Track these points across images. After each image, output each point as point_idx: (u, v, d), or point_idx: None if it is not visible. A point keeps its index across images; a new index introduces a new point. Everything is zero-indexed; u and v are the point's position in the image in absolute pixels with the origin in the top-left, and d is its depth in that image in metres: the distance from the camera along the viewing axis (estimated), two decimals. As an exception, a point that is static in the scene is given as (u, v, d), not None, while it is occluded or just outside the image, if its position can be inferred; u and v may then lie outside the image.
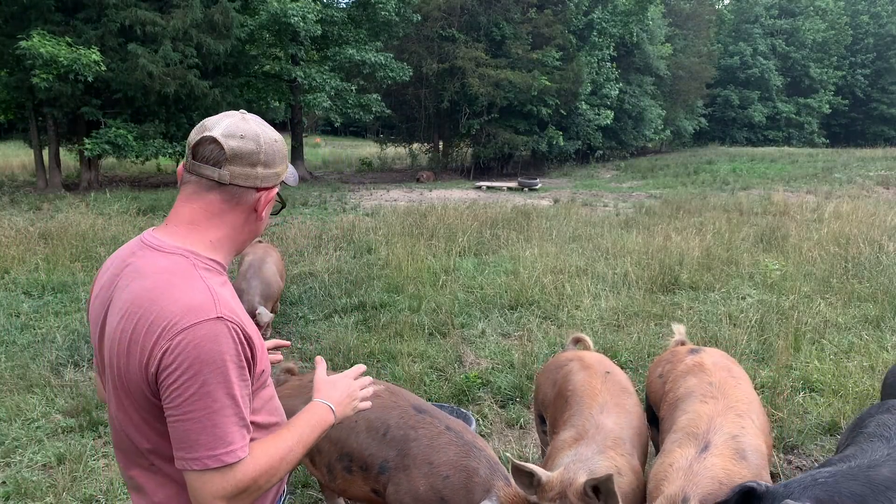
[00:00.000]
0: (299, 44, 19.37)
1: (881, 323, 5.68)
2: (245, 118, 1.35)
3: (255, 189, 1.35)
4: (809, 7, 46.44)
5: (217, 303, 1.24)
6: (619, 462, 2.30)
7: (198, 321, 1.20)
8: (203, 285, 1.26)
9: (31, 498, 3.22)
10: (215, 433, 1.19)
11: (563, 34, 24.15)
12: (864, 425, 2.33)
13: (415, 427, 2.40)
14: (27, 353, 5.06)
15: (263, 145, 1.33)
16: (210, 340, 1.19)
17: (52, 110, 15.98)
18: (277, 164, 1.37)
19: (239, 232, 1.39)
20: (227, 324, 1.22)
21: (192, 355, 1.18)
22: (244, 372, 1.25)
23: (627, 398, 2.67)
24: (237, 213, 1.36)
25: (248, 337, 1.27)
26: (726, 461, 2.12)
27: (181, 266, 1.29)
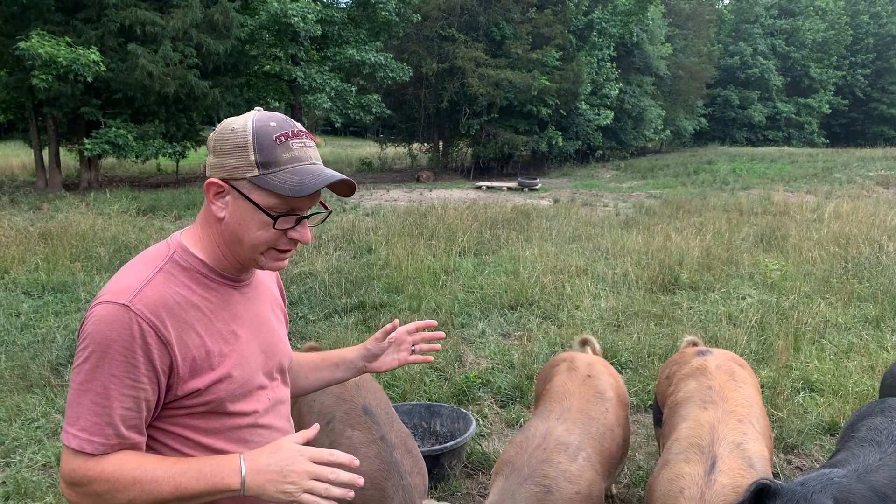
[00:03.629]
0: (299, 44, 19.37)
1: (881, 323, 5.68)
2: (251, 111, 1.31)
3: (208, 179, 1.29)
4: (809, 7, 46.45)
5: (137, 292, 1.20)
6: (551, 475, 2.26)
7: (106, 301, 1.19)
8: (145, 274, 1.24)
9: (31, 498, 3.22)
10: (76, 411, 1.18)
11: (563, 34, 24.15)
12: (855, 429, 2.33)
13: (352, 426, 2.47)
14: (27, 353, 5.06)
15: (216, 133, 1.28)
16: (105, 323, 1.17)
17: (52, 110, 15.99)
18: (227, 155, 1.25)
19: (211, 229, 1.31)
20: (132, 314, 1.17)
21: (89, 330, 1.18)
22: (134, 372, 1.17)
23: (597, 405, 2.61)
24: (206, 206, 1.32)
25: (166, 342, 1.20)
26: (735, 476, 2.10)
27: (156, 253, 1.30)
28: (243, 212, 1.26)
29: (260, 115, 1.28)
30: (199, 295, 1.28)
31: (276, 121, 1.27)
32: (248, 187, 1.25)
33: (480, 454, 3.62)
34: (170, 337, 1.21)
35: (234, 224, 1.27)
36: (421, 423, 3.74)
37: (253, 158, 1.23)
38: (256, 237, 1.27)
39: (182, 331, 1.23)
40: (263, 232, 1.27)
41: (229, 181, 1.25)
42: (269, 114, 1.29)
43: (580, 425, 2.50)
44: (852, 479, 1.87)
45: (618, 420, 2.65)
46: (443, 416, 3.75)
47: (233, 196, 1.26)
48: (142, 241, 9.11)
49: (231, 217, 1.27)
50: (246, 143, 1.24)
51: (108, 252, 8.44)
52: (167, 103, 16.89)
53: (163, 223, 11.31)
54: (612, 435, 2.56)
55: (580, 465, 2.35)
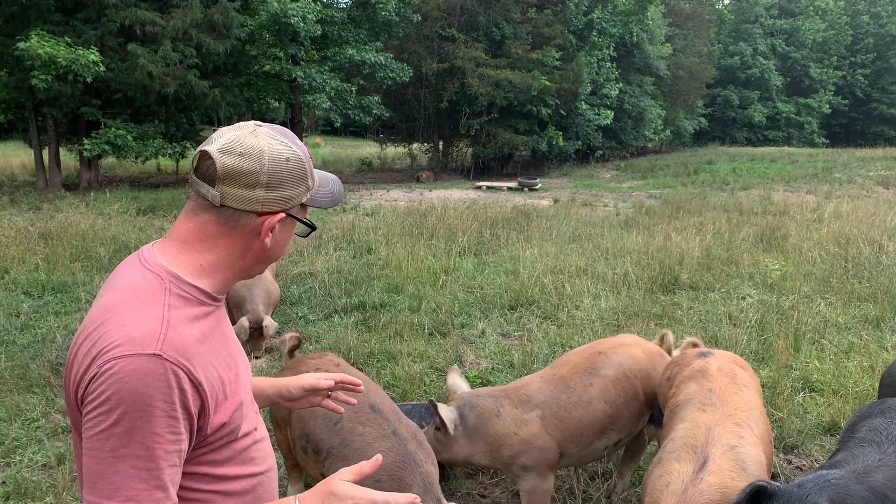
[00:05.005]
0: (299, 44, 19.37)
1: (881, 323, 5.68)
2: (256, 132, 1.19)
3: (255, 213, 1.19)
4: (809, 7, 46.47)
5: (163, 338, 1.07)
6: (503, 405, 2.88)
7: (131, 353, 1.04)
8: (159, 315, 1.10)
9: (31, 498, 3.22)
10: (113, 482, 1.03)
11: (563, 34, 24.16)
12: (855, 430, 2.33)
13: (363, 423, 2.52)
14: (27, 353, 5.06)
15: (267, 164, 1.16)
16: (137, 378, 1.03)
17: (52, 110, 15.99)
18: (286, 187, 1.19)
19: (238, 258, 1.23)
20: (166, 363, 1.05)
21: (114, 389, 1.03)
22: (176, 424, 1.07)
23: (578, 378, 2.93)
24: (234, 237, 1.20)
25: (198, 384, 1.10)
26: (724, 477, 2.09)
27: (150, 287, 1.14)
28: (286, 234, 1.25)
29: (285, 134, 1.22)
30: (203, 324, 1.19)
31: (293, 136, 1.24)
32: (299, 210, 1.24)
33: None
34: (200, 378, 1.11)
35: (275, 247, 1.25)
36: (421, 423, 3.73)
37: (309, 183, 1.23)
38: (279, 253, 1.27)
39: (205, 368, 1.14)
40: (285, 247, 1.28)
41: (287, 210, 1.22)
42: (279, 129, 1.23)
43: (550, 389, 2.92)
44: (850, 480, 1.88)
45: (603, 396, 2.90)
46: (443, 416, 3.75)
47: (283, 223, 1.23)
48: (142, 241, 9.11)
49: (275, 242, 1.24)
50: (304, 170, 1.21)
51: (108, 252, 8.44)
52: (167, 103, 16.88)
53: (163, 223, 11.31)
54: (563, 396, 2.89)
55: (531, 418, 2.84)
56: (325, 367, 2.92)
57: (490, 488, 3.38)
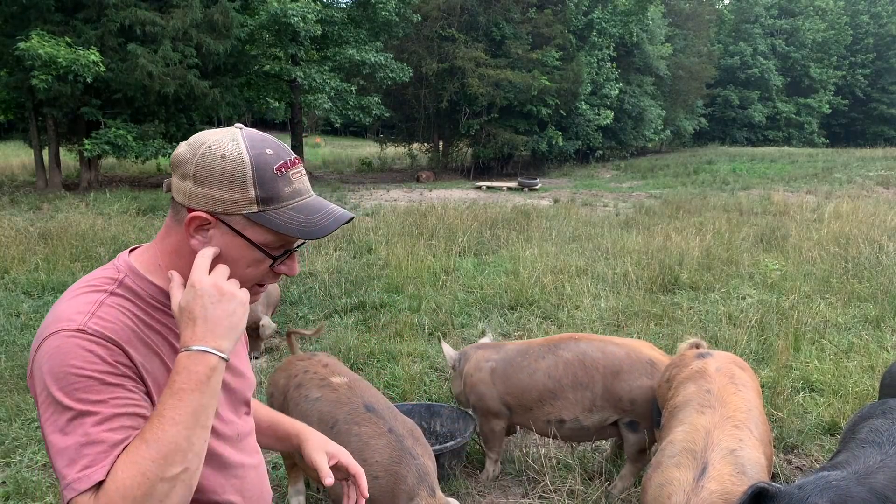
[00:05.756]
0: (299, 44, 19.37)
1: (881, 323, 5.68)
2: (229, 130, 1.14)
3: (185, 208, 1.11)
4: (809, 7, 46.47)
5: (89, 315, 1.04)
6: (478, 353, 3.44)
7: (53, 332, 1.02)
8: (95, 298, 1.07)
9: (31, 498, 3.22)
10: (69, 457, 0.98)
11: (563, 34, 24.16)
12: (856, 431, 2.33)
13: (358, 423, 2.55)
14: (27, 353, 5.05)
15: (199, 157, 1.09)
16: (60, 353, 1.00)
17: (52, 110, 15.99)
18: (214, 186, 1.08)
19: (182, 261, 1.14)
20: (89, 336, 1.01)
21: (45, 369, 1.00)
22: (113, 391, 1.01)
23: (539, 349, 3.27)
24: (180, 234, 1.13)
25: (136, 363, 1.05)
26: (724, 483, 2.08)
27: (102, 277, 1.12)
28: (231, 248, 1.11)
29: (251, 138, 1.12)
30: (158, 322, 1.12)
31: (271, 147, 1.12)
32: (243, 223, 1.10)
33: (480, 454, 3.62)
34: (137, 359, 1.05)
35: (218, 261, 1.12)
36: (421, 424, 3.74)
37: (253, 194, 1.08)
38: (245, 274, 1.14)
39: (146, 356, 1.08)
40: (254, 269, 1.14)
41: (219, 215, 1.09)
42: (259, 136, 1.14)
43: (514, 352, 3.46)
44: (851, 482, 1.87)
45: (548, 371, 3.20)
46: (443, 416, 3.76)
47: (220, 231, 1.10)
48: (141, 241, 9.10)
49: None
50: (243, 175, 1.08)
51: (108, 252, 8.44)
52: (167, 103, 16.89)
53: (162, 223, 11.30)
54: (533, 375, 3.24)
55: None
56: (313, 368, 2.94)
57: (490, 488, 3.38)
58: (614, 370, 3.08)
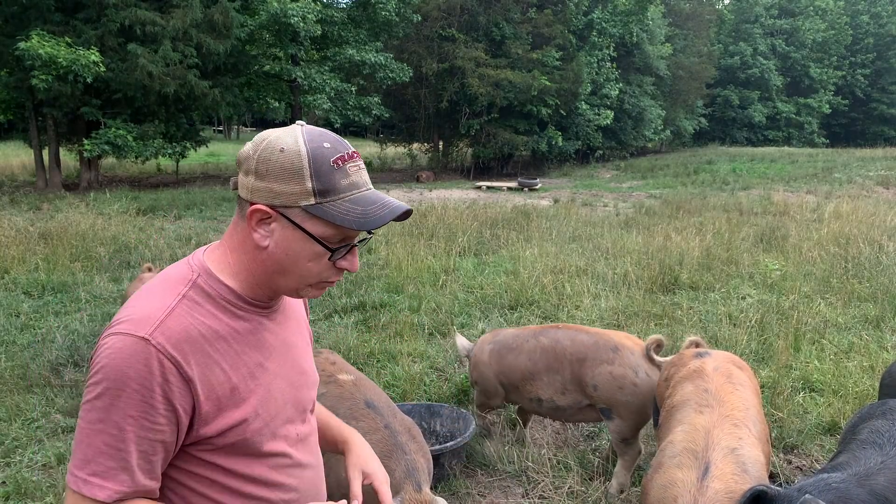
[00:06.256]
0: (299, 44, 19.37)
1: (881, 323, 5.68)
2: (290, 126, 1.17)
3: (248, 203, 1.14)
4: (809, 7, 46.47)
5: (157, 324, 1.07)
6: (485, 338, 3.79)
7: (124, 332, 1.06)
8: (167, 303, 1.11)
9: (31, 498, 3.22)
10: (85, 453, 1.04)
11: (563, 34, 24.16)
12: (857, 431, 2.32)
13: (357, 419, 2.59)
14: (27, 353, 5.06)
15: (260, 152, 1.12)
16: (121, 357, 1.04)
17: (52, 110, 16.00)
18: (273, 179, 1.10)
19: (249, 258, 1.17)
20: (151, 349, 1.05)
21: (103, 363, 1.05)
22: (152, 413, 1.05)
23: (528, 335, 3.54)
24: (245, 231, 1.16)
25: (188, 379, 1.08)
26: (728, 482, 2.09)
27: (177, 276, 1.16)
28: (292, 242, 1.13)
29: (310, 133, 1.14)
30: (225, 325, 1.16)
31: (328, 141, 1.13)
32: (302, 216, 1.12)
33: (480, 454, 3.62)
34: (192, 374, 1.09)
35: (280, 254, 1.14)
36: (421, 424, 3.74)
37: (310, 186, 1.10)
38: (307, 269, 1.16)
39: (206, 367, 1.11)
40: (315, 263, 1.16)
41: (278, 208, 1.12)
42: (318, 131, 1.15)
43: (511, 335, 3.76)
44: (851, 483, 1.86)
45: (529, 354, 3.48)
46: (443, 416, 3.76)
47: (280, 224, 1.13)
48: (141, 241, 9.12)
49: (277, 247, 1.14)
50: (300, 167, 1.10)
51: (108, 252, 8.44)
52: (167, 103, 16.89)
53: (163, 223, 11.31)
54: (518, 357, 3.55)
55: None
56: (319, 365, 2.94)
57: (490, 488, 3.39)
58: (580, 357, 3.29)
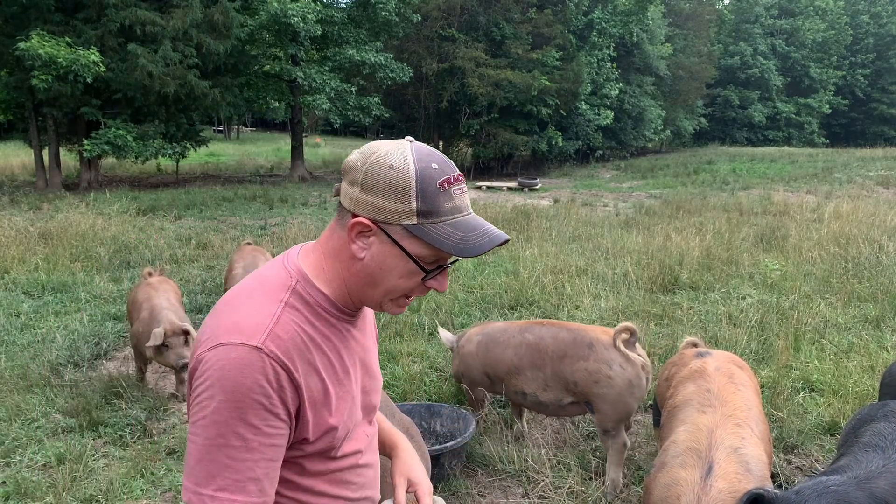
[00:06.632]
0: (299, 44, 19.38)
1: (881, 323, 5.68)
2: (398, 141, 1.18)
3: (350, 213, 1.14)
4: (809, 7, 46.48)
5: (268, 332, 1.07)
6: (473, 330, 3.92)
7: (234, 342, 1.05)
8: (272, 310, 1.11)
9: (31, 498, 3.22)
10: (209, 470, 1.04)
11: (563, 34, 24.16)
12: (859, 434, 2.31)
13: None
14: (27, 353, 5.06)
15: (369, 165, 1.11)
16: (237, 368, 1.04)
17: (52, 110, 16.00)
18: (379, 194, 1.10)
19: (341, 265, 1.17)
20: (265, 357, 1.05)
21: (216, 376, 1.04)
22: (273, 419, 1.07)
23: (515, 330, 3.61)
24: (343, 239, 1.16)
25: (297, 386, 1.10)
26: (731, 481, 2.09)
27: (276, 281, 1.15)
28: (388, 257, 1.13)
29: (419, 151, 1.14)
30: (320, 332, 1.17)
31: (436, 162, 1.13)
32: (401, 234, 1.12)
33: (480, 454, 3.62)
34: (300, 381, 1.10)
35: (374, 267, 1.14)
36: (421, 423, 3.75)
37: (414, 206, 1.10)
38: (396, 284, 1.16)
39: (308, 374, 1.13)
40: (405, 280, 1.16)
41: (380, 223, 1.11)
42: (426, 150, 1.15)
43: (499, 330, 3.84)
44: (851, 487, 1.85)
45: (515, 349, 3.54)
46: (443, 416, 3.76)
47: (379, 239, 1.13)
48: (141, 241, 9.12)
49: (372, 260, 1.14)
50: (408, 186, 1.09)
51: (108, 252, 8.44)
52: (167, 103, 16.89)
53: (163, 223, 11.31)
54: (505, 351, 3.65)
55: None
56: None
57: (490, 488, 3.39)
58: (560, 354, 3.36)
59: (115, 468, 3.50)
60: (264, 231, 10.76)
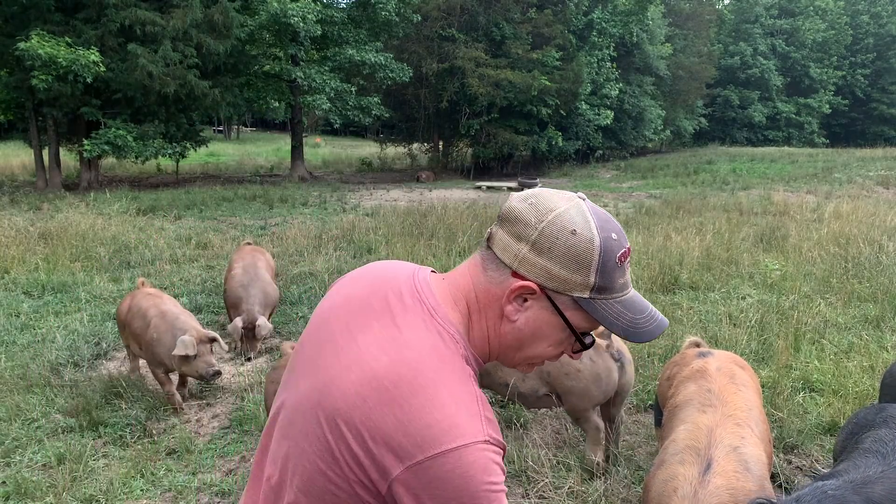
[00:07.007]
0: (299, 44, 19.38)
1: (881, 323, 5.68)
2: (571, 198, 1.05)
3: (509, 270, 1.02)
4: (809, 7, 46.50)
5: (483, 419, 0.96)
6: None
7: (459, 445, 0.91)
8: (472, 391, 0.98)
9: (31, 498, 3.22)
10: None
11: (563, 34, 24.17)
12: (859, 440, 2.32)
13: None
14: (27, 353, 5.06)
15: (546, 225, 1.00)
16: (479, 469, 0.92)
17: (52, 110, 16.00)
18: (555, 260, 0.99)
19: (488, 322, 1.06)
20: (492, 447, 0.95)
21: (454, 484, 0.91)
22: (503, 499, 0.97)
23: None
24: (488, 289, 1.04)
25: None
26: (730, 479, 2.10)
27: (453, 352, 1.01)
28: (544, 324, 1.04)
29: (597, 216, 1.02)
30: None
31: (615, 231, 1.03)
32: (567, 304, 1.02)
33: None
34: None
35: (526, 332, 1.05)
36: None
37: (592, 280, 1.00)
38: (543, 352, 1.07)
39: None
40: (553, 348, 1.07)
41: (548, 290, 1.01)
42: (604, 215, 1.04)
43: None
44: (847, 490, 1.86)
45: None
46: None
47: (539, 304, 1.03)
48: (141, 241, 9.12)
49: (525, 324, 1.04)
50: (590, 258, 0.99)
51: (108, 252, 8.44)
52: (167, 103, 16.89)
53: (163, 223, 11.31)
54: None
55: None
56: None
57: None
58: None
59: (115, 468, 3.50)
60: (264, 231, 10.76)
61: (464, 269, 1.09)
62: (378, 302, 1.06)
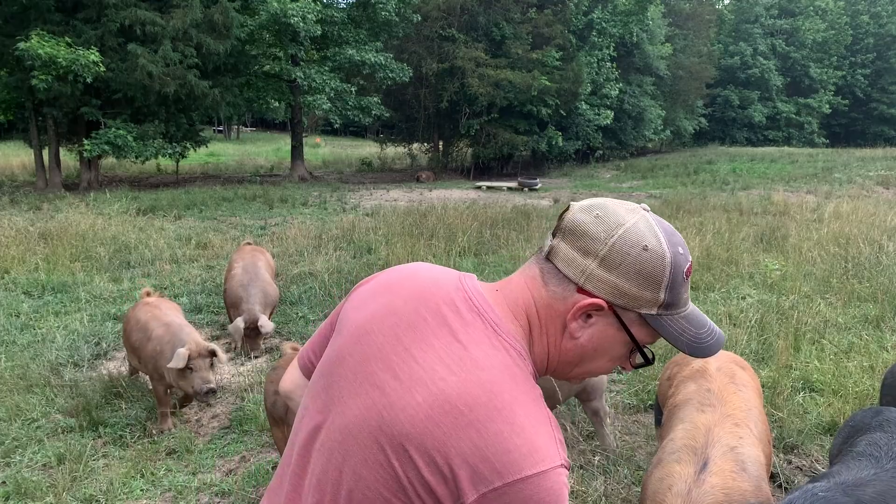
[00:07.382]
0: (299, 44, 19.38)
1: (881, 323, 5.68)
2: (635, 210, 1.01)
3: (574, 285, 0.98)
4: (809, 7, 46.51)
5: (558, 441, 0.93)
6: None
7: (541, 471, 0.88)
8: (545, 413, 0.94)
9: (31, 498, 3.22)
10: None
11: (563, 34, 24.17)
12: (854, 443, 2.33)
13: None
14: (27, 353, 5.06)
15: (615, 239, 0.96)
16: (554, 495, 0.88)
17: (52, 110, 16.00)
18: (625, 277, 0.96)
19: (550, 339, 1.02)
20: (564, 471, 0.92)
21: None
22: None
23: None
24: (549, 305, 1.00)
25: None
26: (726, 478, 2.11)
27: (523, 371, 0.97)
28: (607, 340, 1.01)
29: (664, 230, 0.99)
30: None
31: (681, 245, 0.99)
32: (633, 320, 0.99)
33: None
34: None
35: (588, 348, 1.02)
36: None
37: (661, 297, 0.97)
38: (602, 366, 1.05)
39: None
40: (612, 363, 1.04)
41: (615, 307, 0.98)
42: (668, 228, 1.01)
43: None
44: (837, 492, 1.87)
45: None
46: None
47: (605, 320, 0.99)
48: (141, 241, 9.11)
49: (589, 341, 1.01)
50: (661, 275, 0.96)
51: (108, 252, 8.44)
52: (167, 103, 16.90)
53: (163, 223, 11.31)
54: None
55: None
56: None
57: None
58: None
59: (115, 468, 3.50)
60: (264, 231, 10.76)
61: (520, 281, 1.04)
62: (431, 314, 1.01)
